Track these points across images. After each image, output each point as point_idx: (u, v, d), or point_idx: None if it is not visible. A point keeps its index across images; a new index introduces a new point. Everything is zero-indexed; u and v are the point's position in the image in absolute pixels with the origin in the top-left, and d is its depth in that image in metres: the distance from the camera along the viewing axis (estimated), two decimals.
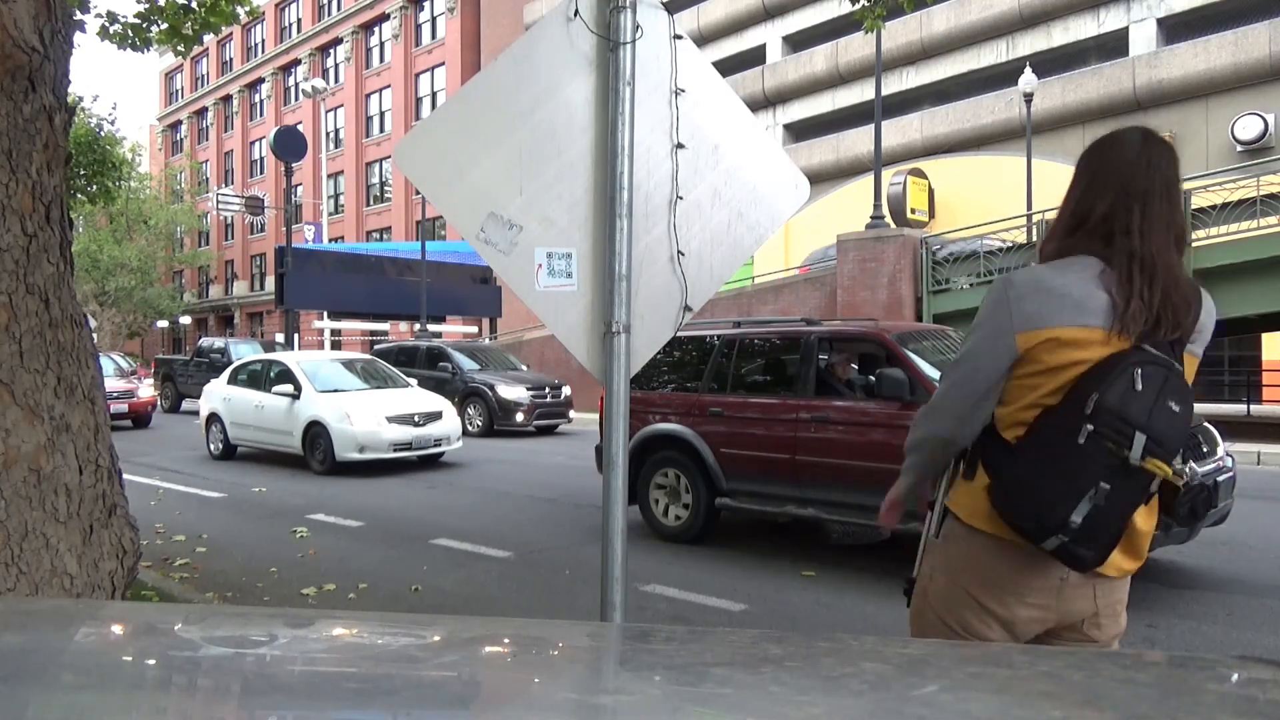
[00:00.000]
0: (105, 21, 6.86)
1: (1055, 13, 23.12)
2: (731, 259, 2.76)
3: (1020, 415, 1.72)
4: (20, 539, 2.01)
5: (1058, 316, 1.66)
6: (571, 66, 2.52)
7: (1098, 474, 1.61)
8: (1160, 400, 1.62)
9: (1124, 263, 1.66)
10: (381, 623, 1.29)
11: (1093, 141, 1.80)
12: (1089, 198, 1.73)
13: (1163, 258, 1.67)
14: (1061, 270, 1.71)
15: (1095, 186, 1.73)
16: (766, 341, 7.15)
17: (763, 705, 0.74)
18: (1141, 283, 1.65)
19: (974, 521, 1.76)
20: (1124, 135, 1.76)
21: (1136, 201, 1.69)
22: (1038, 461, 1.67)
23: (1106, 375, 1.62)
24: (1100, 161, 1.75)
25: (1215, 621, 4.86)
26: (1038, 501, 1.65)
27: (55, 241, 2.20)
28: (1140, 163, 1.71)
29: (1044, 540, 1.65)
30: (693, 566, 6.19)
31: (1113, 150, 1.74)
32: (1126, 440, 1.60)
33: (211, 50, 48.84)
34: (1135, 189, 1.69)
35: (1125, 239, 1.68)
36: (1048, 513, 1.63)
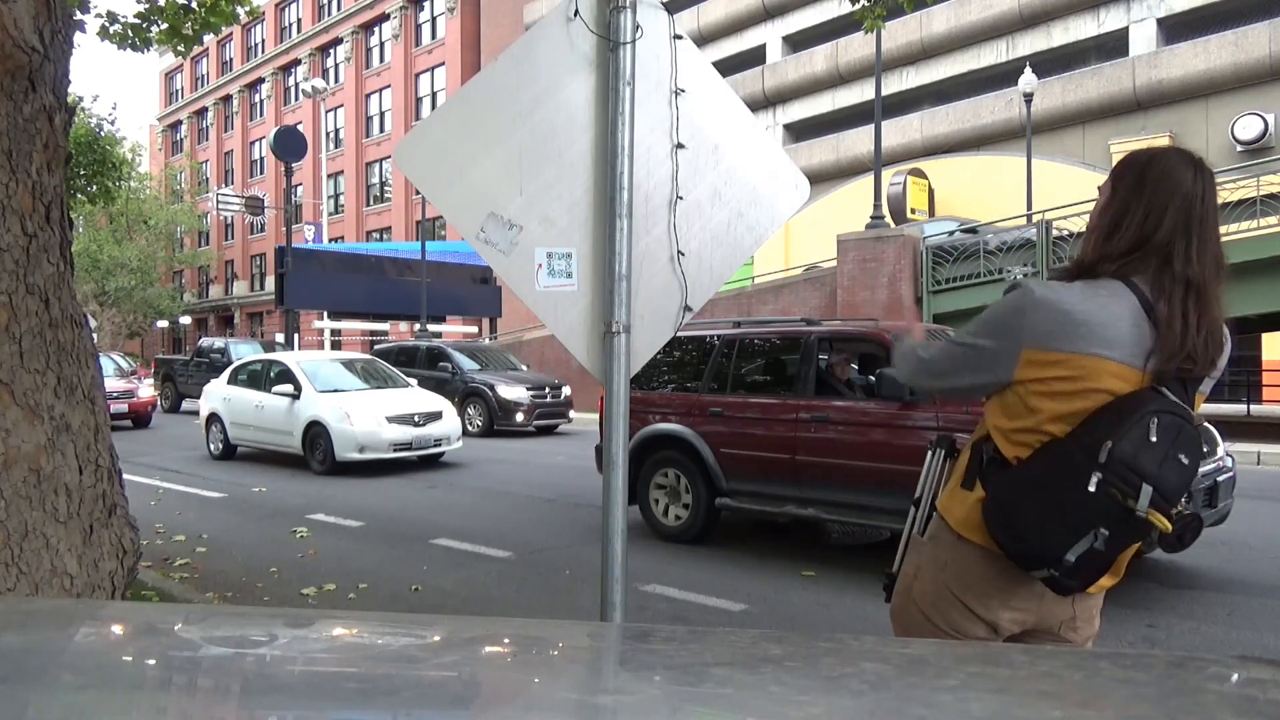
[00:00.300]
0: (105, 21, 6.85)
1: (1055, 13, 23.12)
2: (731, 259, 2.76)
3: (1024, 437, 1.71)
4: (20, 539, 2.01)
5: (1072, 343, 1.64)
6: (571, 66, 2.52)
7: (1099, 520, 1.61)
8: (1172, 453, 1.60)
9: (1179, 292, 1.63)
10: (381, 623, 1.29)
11: (1136, 159, 1.75)
12: (1153, 218, 1.67)
13: (1212, 289, 1.66)
14: (1088, 294, 1.67)
15: (1156, 208, 1.67)
16: (766, 341, 7.15)
17: (763, 705, 0.74)
18: (1194, 314, 1.63)
19: (964, 531, 1.77)
20: (1175, 158, 1.71)
21: (1195, 230, 1.66)
22: (1039, 497, 1.66)
23: (1122, 422, 1.59)
24: (1157, 184, 1.69)
25: (1215, 621, 4.86)
26: (1035, 537, 1.65)
27: (55, 241, 2.20)
28: (1196, 190, 1.67)
29: (1032, 570, 1.68)
30: (693, 566, 6.19)
31: (1169, 175, 1.69)
32: (1134, 491, 1.58)
33: (211, 50, 48.85)
34: (1194, 217, 1.66)
35: (1184, 266, 1.64)
36: (1043, 550, 1.65)
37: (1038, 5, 23.20)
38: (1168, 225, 1.66)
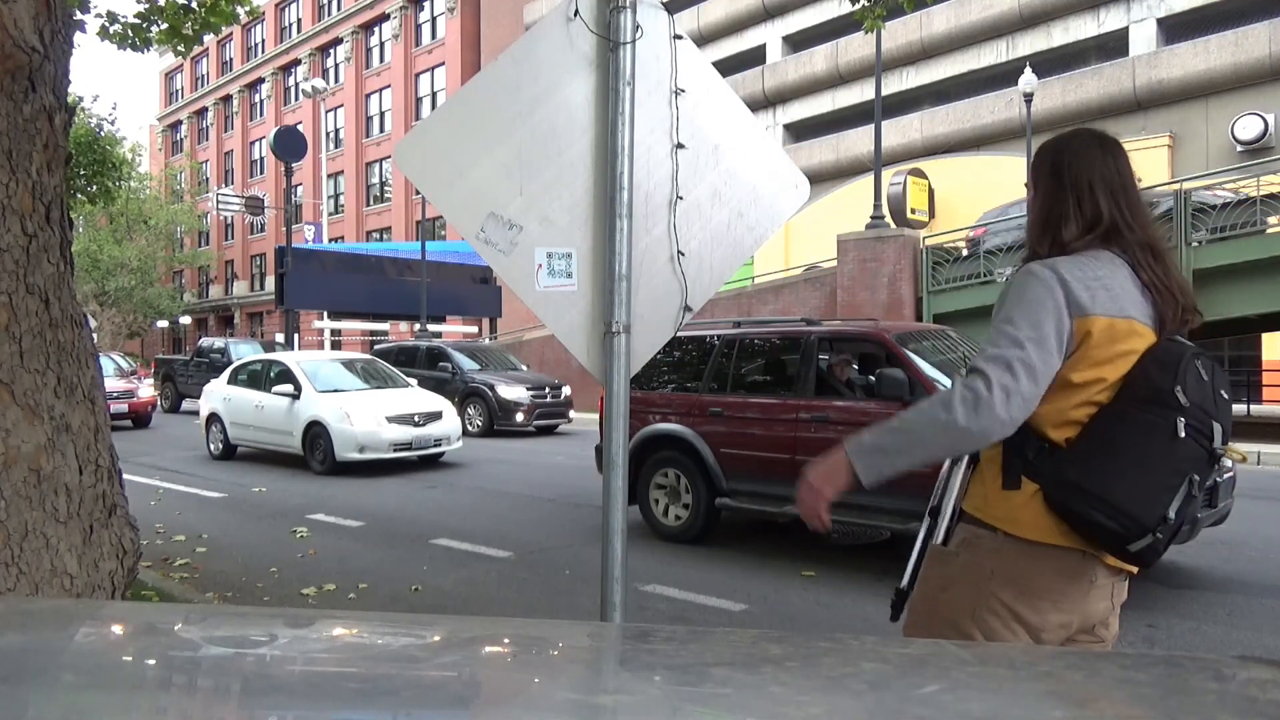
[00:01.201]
0: (105, 21, 6.85)
1: (1055, 13, 23.12)
2: (731, 259, 2.76)
3: (1073, 414, 1.67)
4: (20, 539, 2.01)
5: (1105, 305, 1.66)
6: (571, 66, 2.52)
7: (1190, 466, 1.61)
8: (1217, 389, 1.66)
9: (1146, 256, 1.71)
10: (381, 623, 1.29)
11: (1045, 151, 1.83)
12: (1087, 200, 1.75)
13: (1162, 247, 1.74)
14: (1095, 263, 1.71)
15: (1084, 187, 1.75)
16: (766, 341, 7.15)
17: (763, 705, 0.74)
18: (1161, 271, 1.71)
19: (1020, 531, 1.69)
20: (1079, 141, 1.81)
21: (1123, 199, 1.74)
22: (1124, 463, 1.62)
23: (1174, 369, 1.63)
24: (1074, 170, 1.77)
25: (1215, 621, 4.86)
26: (1137, 502, 1.60)
27: (55, 241, 2.20)
28: (1110, 165, 1.77)
29: (1136, 541, 1.61)
30: (693, 566, 6.19)
31: (1084, 152, 1.78)
32: (1208, 431, 1.62)
33: (211, 50, 48.84)
34: (1118, 188, 1.75)
35: (1132, 233, 1.72)
36: (1148, 513, 1.59)
37: (1038, 5, 23.20)
38: (1103, 203, 1.73)
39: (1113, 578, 1.74)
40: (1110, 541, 1.63)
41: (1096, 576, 1.71)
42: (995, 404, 1.62)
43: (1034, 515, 1.67)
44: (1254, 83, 19.94)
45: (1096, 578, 1.71)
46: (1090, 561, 1.68)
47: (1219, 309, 12.95)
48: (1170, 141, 20.78)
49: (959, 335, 7.03)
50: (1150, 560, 1.65)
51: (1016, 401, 1.62)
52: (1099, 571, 1.70)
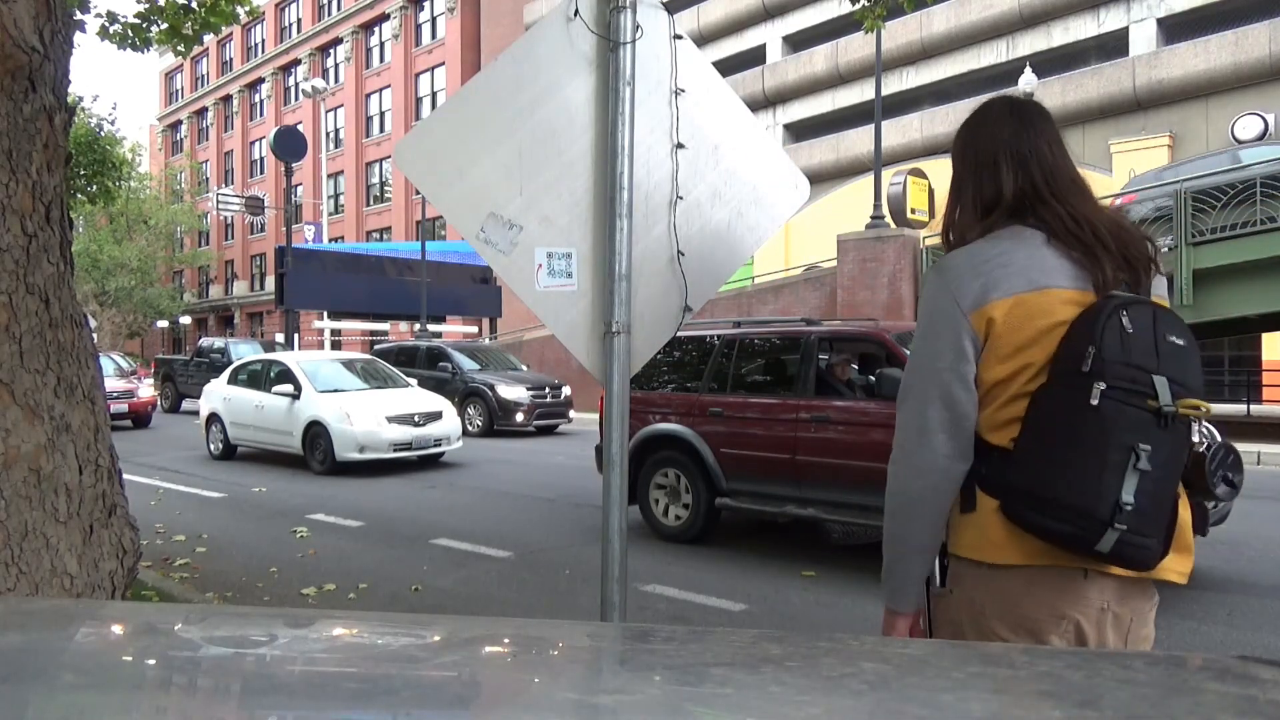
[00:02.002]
0: (105, 21, 6.86)
1: (1055, 13, 23.12)
2: (731, 259, 2.76)
3: (1005, 413, 1.49)
4: (20, 539, 2.01)
5: (1007, 284, 1.47)
6: (571, 66, 2.52)
7: (1132, 435, 1.38)
8: (1160, 336, 1.43)
9: (1060, 225, 1.52)
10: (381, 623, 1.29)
11: (961, 127, 1.68)
12: (988, 177, 1.60)
13: (1088, 209, 1.55)
14: (995, 242, 1.54)
15: (987, 163, 1.60)
16: (766, 341, 7.15)
17: (763, 705, 0.74)
18: (1088, 237, 1.50)
19: (988, 556, 1.49)
20: (990, 107, 1.66)
21: (1035, 165, 1.57)
22: (1054, 450, 1.42)
23: (1091, 327, 1.42)
24: (981, 138, 1.62)
25: (1215, 621, 4.86)
26: (1077, 493, 1.38)
27: (55, 241, 2.20)
28: (1019, 127, 1.60)
29: (1099, 540, 1.38)
30: (693, 566, 6.19)
31: (986, 124, 1.63)
32: (1147, 388, 1.39)
33: (211, 50, 48.84)
34: (1026, 154, 1.57)
35: (1044, 206, 1.54)
36: (1094, 501, 1.37)
37: (1038, 5, 23.20)
38: (1006, 179, 1.57)
39: (1119, 588, 1.48)
40: (1074, 546, 1.42)
41: (1094, 590, 1.47)
42: (910, 450, 1.53)
43: (1000, 535, 1.47)
44: (1254, 83, 19.94)
45: (1094, 592, 1.47)
46: (1078, 575, 1.46)
47: (1219, 309, 12.95)
48: (1170, 141, 20.77)
49: None
50: (1137, 558, 1.41)
51: (937, 438, 1.50)
52: (1096, 584, 1.47)
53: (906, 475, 1.56)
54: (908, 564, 1.58)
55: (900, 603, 1.58)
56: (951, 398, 1.50)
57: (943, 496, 1.53)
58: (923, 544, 1.57)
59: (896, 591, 1.58)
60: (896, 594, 1.58)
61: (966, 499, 1.53)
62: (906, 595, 1.58)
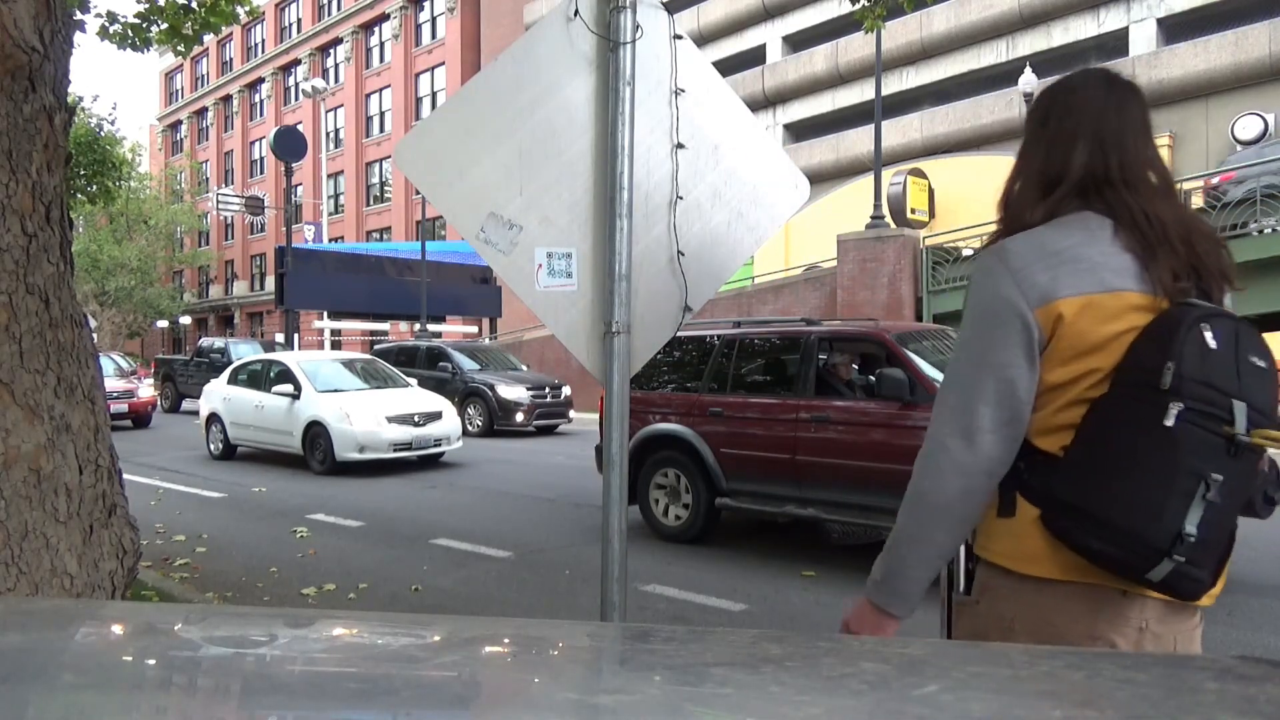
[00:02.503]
0: (105, 21, 6.86)
1: (1055, 13, 23.11)
2: (731, 259, 2.76)
3: (1059, 418, 1.36)
4: (20, 539, 2.01)
5: (1077, 282, 1.34)
6: (571, 66, 2.52)
7: (1204, 462, 1.25)
8: (1242, 357, 1.30)
9: (1126, 217, 1.39)
10: (381, 623, 1.29)
11: (1047, 90, 1.52)
12: (1060, 151, 1.45)
13: (1159, 207, 1.41)
14: (1064, 230, 1.39)
15: (1064, 137, 1.45)
16: (766, 341, 7.15)
17: (763, 705, 0.74)
18: (1155, 234, 1.36)
19: (1024, 567, 1.37)
20: (1086, 77, 1.50)
21: (1114, 151, 1.42)
22: (1113, 467, 1.29)
23: (1169, 339, 1.28)
24: (1064, 108, 1.47)
25: (1215, 621, 4.86)
26: (1134, 518, 1.26)
27: (55, 241, 2.20)
28: (1110, 105, 1.44)
29: (1152, 570, 1.26)
30: (693, 566, 6.19)
31: (1076, 95, 1.47)
32: (1225, 413, 1.26)
33: (211, 50, 48.84)
34: (1109, 137, 1.43)
35: (1113, 191, 1.41)
36: (1154, 529, 1.25)
37: (1038, 5, 23.19)
38: (1079, 158, 1.43)
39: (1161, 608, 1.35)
40: (1122, 573, 1.30)
41: (1133, 610, 1.34)
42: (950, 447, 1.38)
43: (1038, 547, 1.35)
44: (1254, 83, 19.94)
45: (1133, 612, 1.34)
46: (1115, 594, 1.33)
47: None
48: (1170, 141, 20.76)
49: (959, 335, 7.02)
50: (1186, 590, 1.29)
51: (986, 439, 1.36)
52: (1136, 604, 1.34)
53: (942, 474, 1.39)
54: (920, 569, 1.43)
55: (899, 607, 1.45)
56: (1011, 396, 1.36)
57: (978, 502, 1.39)
58: (943, 550, 1.43)
59: (897, 595, 1.44)
60: (897, 597, 1.45)
61: (1005, 503, 1.40)
62: (908, 601, 1.45)
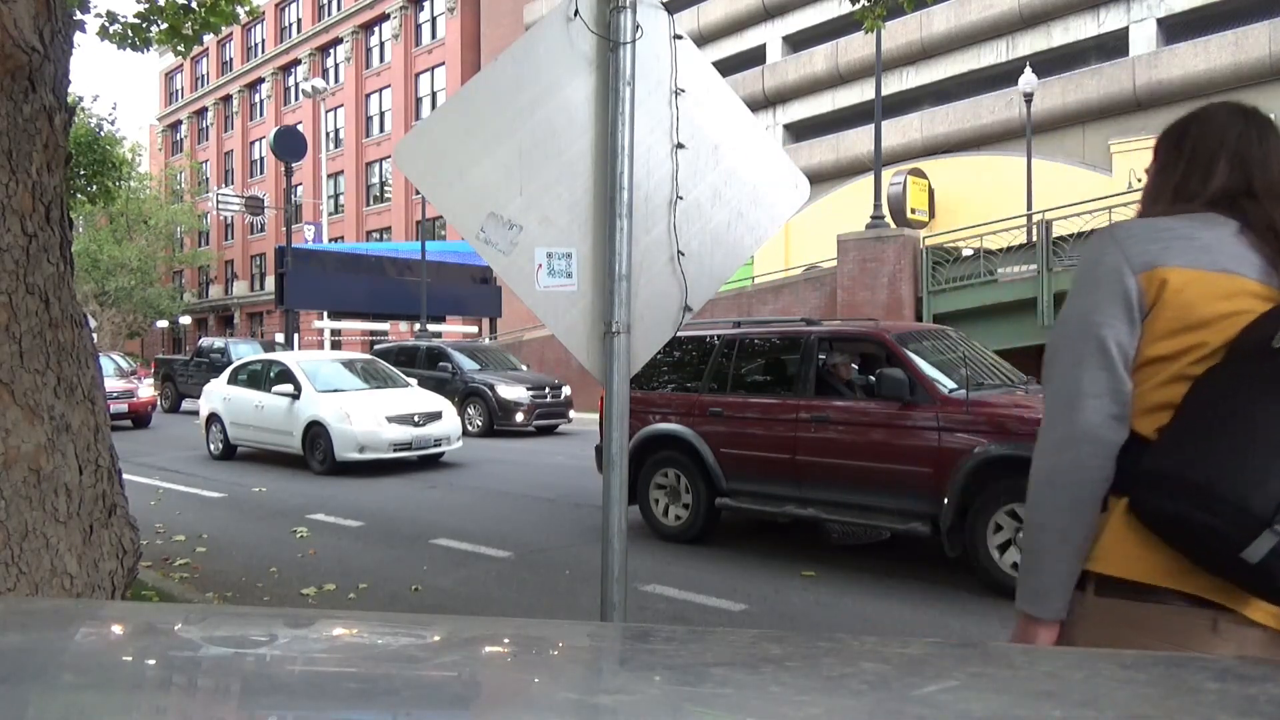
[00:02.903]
0: (105, 21, 6.86)
1: (1055, 13, 23.11)
2: (731, 259, 2.76)
3: (1157, 395, 1.28)
4: (20, 539, 2.01)
5: (1188, 256, 1.28)
6: (571, 66, 2.52)
7: None
8: None
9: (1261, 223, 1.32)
10: (381, 623, 1.29)
11: (1180, 120, 1.50)
12: (1199, 170, 1.41)
13: None
14: (1182, 219, 1.35)
15: (1203, 159, 1.41)
16: (766, 341, 7.15)
17: (763, 705, 0.74)
18: None
19: (1109, 567, 1.27)
20: (1223, 106, 1.47)
21: (1256, 169, 1.37)
22: (1217, 430, 1.19)
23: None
24: (1204, 133, 1.44)
25: None
26: (1234, 478, 1.13)
27: (55, 241, 2.20)
28: (1250, 134, 1.41)
29: (1247, 543, 1.11)
30: (693, 566, 6.19)
31: (1214, 121, 1.44)
32: None
33: (211, 50, 48.83)
34: (1252, 160, 1.38)
35: (1252, 203, 1.35)
36: (1253, 491, 1.12)
37: (1038, 5, 23.19)
38: (1220, 173, 1.38)
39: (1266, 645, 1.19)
40: (1216, 549, 1.15)
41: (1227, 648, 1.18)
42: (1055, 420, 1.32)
43: (1120, 540, 1.25)
44: (1254, 83, 19.93)
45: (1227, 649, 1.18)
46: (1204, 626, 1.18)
47: None
48: None
49: (959, 335, 7.03)
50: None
51: (1090, 403, 1.28)
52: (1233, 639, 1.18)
53: (1049, 450, 1.32)
54: (1048, 559, 1.32)
55: (1038, 606, 1.32)
56: (1108, 357, 1.29)
57: (1093, 473, 1.28)
58: (1067, 534, 1.30)
59: (1034, 592, 1.33)
60: (1034, 595, 1.33)
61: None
62: (1046, 598, 1.32)
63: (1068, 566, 1.31)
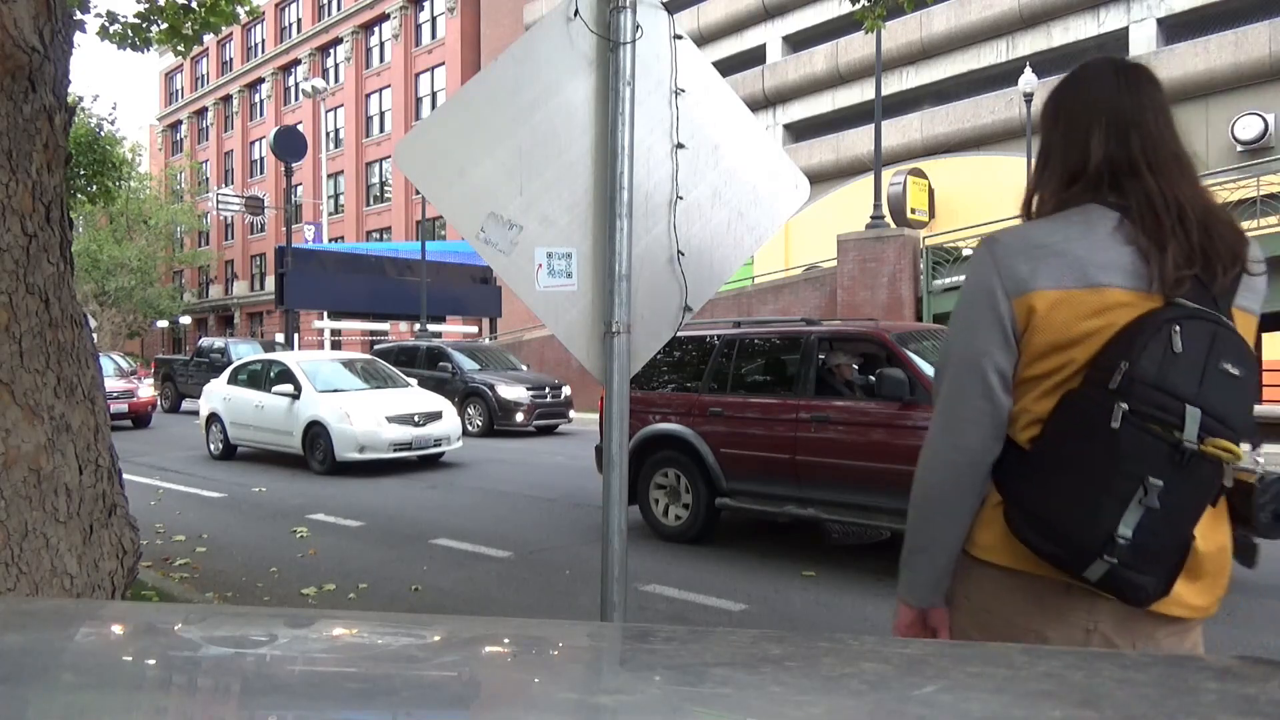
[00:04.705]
0: (105, 21, 6.86)
1: (1055, 13, 23.12)
2: (731, 259, 2.76)
3: (1034, 408, 1.37)
4: (20, 539, 2.01)
5: (1057, 277, 1.34)
6: (571, 66, 2.52)
7: (1144, 466, 1.25)
8: (1211, 363, 1.27)
9: (1144, 204, 1.35)
10: (381, 623, 1.29)
11: (1057, 85, 1.52)
12: (1077, 142, 1.43)
13: (1184, 189, 1.38)
14: (1059, 224, 1.39)
15: (1079, 127, 1.43)
16: (766, 341, 7.15)
17: (763, 705, 0.74)
18: (1171, 220, 1.33)
19: (981, 553, 1.43)
20: (1094, 66, 1.48)
21: (1135, 133, 1.40)
22: (1063, 466, 1.32)
23: (1134, 339, 1.28)
24: (1076, 99, 1.46)
25: (1215, 621, 4.83)
26: (1069, 516, 1.29)
27: (55, 241, 2.20)
28: (1124, 90, 1.42)
29: (1085, 567, 1.28)
30: (693, 566, 6.19)
31: (1087, 85, 1.46)
32: (1175, 418, 1.25)
33: (211, 50, 48.84)
34: (1127, 120, 1.40)
35: (1135, 180, 1.38)
36: (1085, 529, 1.27)
37: (1038, 5, 23.20)
38: (1098, 148, 1.41)
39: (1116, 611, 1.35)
40: (1061, 567, 1.32)
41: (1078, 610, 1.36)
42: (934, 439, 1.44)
43: (997, 533, 1.39)
44: (1254, 83, 19.94)
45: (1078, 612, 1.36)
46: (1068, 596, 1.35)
47: None
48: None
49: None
50: (1128, 594, 1.30)
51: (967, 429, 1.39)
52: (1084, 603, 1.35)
53: (929, 465, 1.45)
54: (921, 558, 1.49)
55: (909, 594, 1.51)
56: (988, 385, 1.39)
57: (970, 492, 1.42)
58: (943, 541, 1.46)
59: (907, 582, 1.52)
60: (907, 584, 1.52)
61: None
62: (916, 590, 1.50)
63: (936, 563, 1.47)
